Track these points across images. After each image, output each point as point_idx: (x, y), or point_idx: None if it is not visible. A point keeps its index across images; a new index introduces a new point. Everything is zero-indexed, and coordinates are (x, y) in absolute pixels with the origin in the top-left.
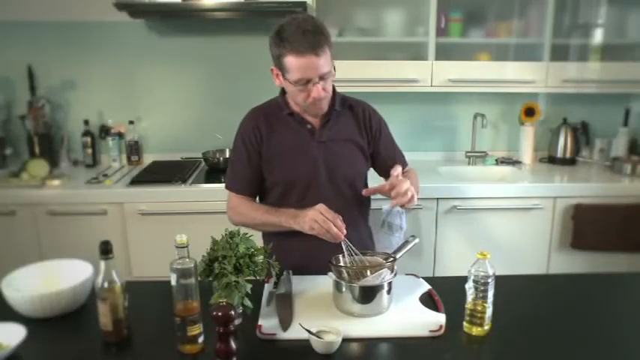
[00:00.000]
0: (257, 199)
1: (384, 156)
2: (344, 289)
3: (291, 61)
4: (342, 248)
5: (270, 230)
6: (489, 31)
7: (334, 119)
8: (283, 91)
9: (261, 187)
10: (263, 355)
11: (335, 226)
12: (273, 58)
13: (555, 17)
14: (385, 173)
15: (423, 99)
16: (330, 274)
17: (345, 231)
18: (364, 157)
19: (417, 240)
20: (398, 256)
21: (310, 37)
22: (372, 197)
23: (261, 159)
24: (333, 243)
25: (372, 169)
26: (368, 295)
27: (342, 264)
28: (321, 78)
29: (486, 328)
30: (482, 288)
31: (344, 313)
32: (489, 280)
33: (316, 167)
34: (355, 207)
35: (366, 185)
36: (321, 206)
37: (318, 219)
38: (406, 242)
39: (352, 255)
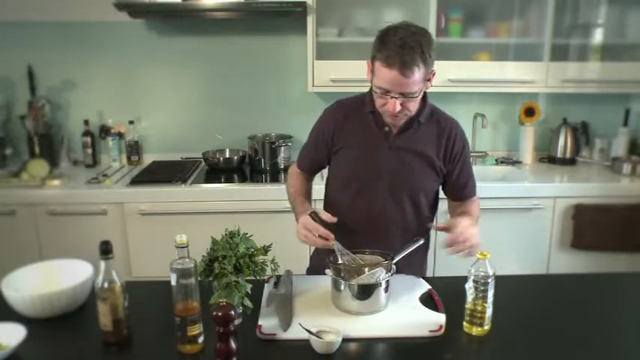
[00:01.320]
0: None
1: (455, 182)
2: (342, 287)
3: (379, 67)
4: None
5: None
6: (489, 31)
7: (415, 129)
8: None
9: (320, 169)
10: (263, 355)
11: (321, 235)
12: (371, 54)
13: (555, 17)
14: (451, 196)
15: None
16: (328, 271)
17: (332, 235)
18: (435, 175)
19: (421, 241)
20: (398, 256)
21: (407, 53)
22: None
23: (328, 152)
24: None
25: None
26: (365, 292)
27: (339, 262)
28: (403, 95)
29: (486, 328)
30: (482, 288)
31: (342, 311)
32: (489, 280)
33: (380, 171)
34: (413, 221)
35: (435, 201)
36: (303, 221)
37: (302, 233)
38: (410, 243)
39: (344, 255)
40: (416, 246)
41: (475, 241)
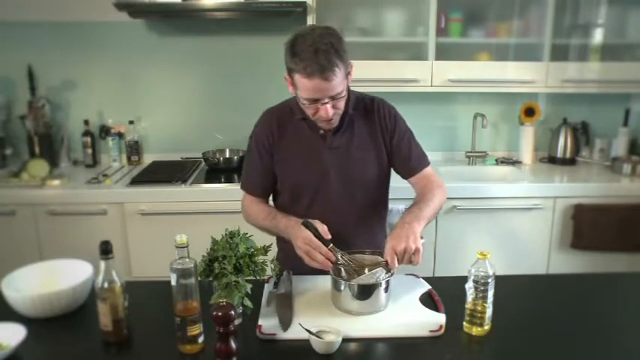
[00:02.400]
0: (270, 199)
1: (398, 156)
2: (342, 287)
3: (299, 79)
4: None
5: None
6: (489, 31)
7: (347, 123)
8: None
9: (273, 187)
10: (263, 355)
11: (322, 253)
12: (286, 67)
13: (555, 17)
14: (401, 173)
15: (423, 99)
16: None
17: (333, 258)
18: (380, 161)
19: (423, 241)
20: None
21: (322, 57)
22: (390, 197)
23: (273, 161)
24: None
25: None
26: (364, 292)
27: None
28: (332, 98)
29: (486, 328)
30: (482, 288)
31: (342, 311)
32: (489, 280)
33: (327, 173)
34: (370, 212)
35: (385, 188)
36: (305, 236)
37: (303, 248)
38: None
39: (342, 257)
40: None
41: (411, 248)
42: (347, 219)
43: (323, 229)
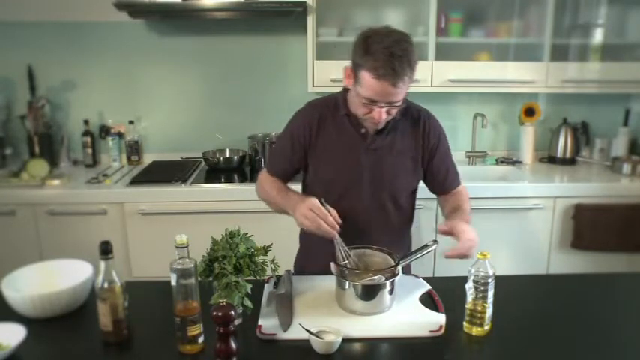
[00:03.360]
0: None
1: (435, 173)
2: (347, 287)
3: (366, 77)
4: (335, 245)
5: (278, 212)
6: (489, 31)
7: (391, 128)
8: (345, 90)
9: (294, 175)
10: (263, 355)
11: (327, 222)
12: (352, 60)
13: (555, 17)
14: (434, 189)
15: (423, 99)
16: (333, 269)
17: (338, 227)
18: (415, 172)
19: (436, 245)
20: (406, 260)
21: (397, 63)
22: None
23: (305, 155)
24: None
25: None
26: (370, 293)
27: (341, 262)
28: (390, 104)
29: (486, 328)
30: (482, 288)
31: (346, 311)
32: (489, 280)
33: (360, 173)
34: (396, 218)
35: (413, 198)
36: (310, 202)
37: (308, 216)
38: (425, 246)
39: (343, 251)
40: (427, 252)
41: (476, 244)
42: (372, 222)
43: (335, 214)
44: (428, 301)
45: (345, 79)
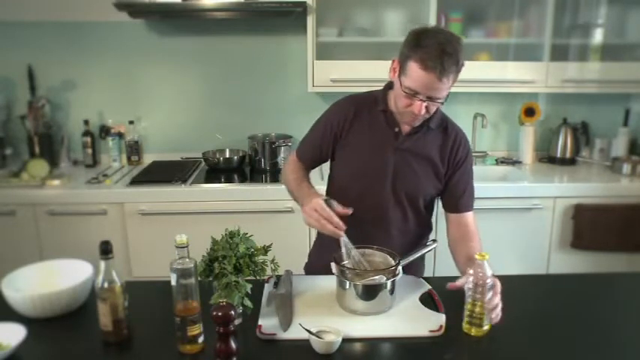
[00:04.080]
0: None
1: (453, 189)
2: (347, 287)
3: (414, 68)
4: (341, 244)
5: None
6: (489, 31)
7: (423, 133)
8: (386, 87)
9: (321, 163)
10: (263, 355)
11: (332, 223)
12: (400, 52)
13: (555, 17)
14: (447, 205)
15: None
16: (334, 269)
17: (344, 228)
18: (436, 181)
19: (435, 244)
20: (407, 259)
21: (446, 58)
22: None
23: (334, 145)
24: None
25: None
26: (371, 293)
27: (344, 262)
28: (430, 98)
29: (485, 328)
30: (480, 289)
31: (347, 311)
32: (488, 281)
33: (384, 171)
34: (413, 224)
35: (431, 207)
36: (315, 202)
37: (313, 216)
38: (425, 245)
39: (350, 251)
40: (427, 250)
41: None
42: (388, 222)
43: (341, 208)
44: (428, 301)
45: (390, 72)
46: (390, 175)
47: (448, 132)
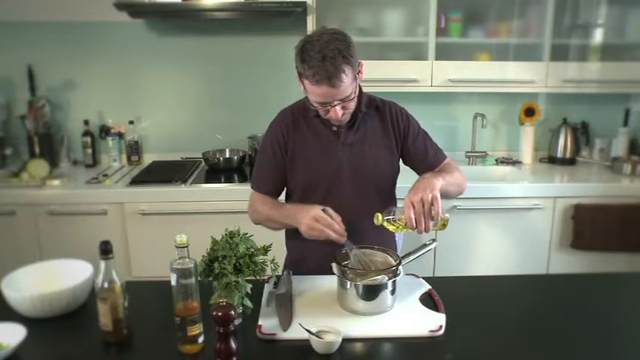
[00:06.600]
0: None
1: (415, 155)
2: (348, 287)
3: (307, 85)
4: (346, 248)
5: (280, 228)
6: (489, 31)
7: (360, 121)
8: None
9: (284, 187)
10: (263, 355)
11: (334, 230)
12: (296, 69)
13: (555, 17)
14: (418, 170)
15: (423, 99)
16: (335, 269)
17: (345, 233)
18: (392, 159)
19: (435, 244)
20: (407, 260)
21: (329, 65)
22: (398, 198)
23: (286, 158)
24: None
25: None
26: (372, 293)
27: (346, 262)
28: (341, 101)
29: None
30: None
31: (347, 311)
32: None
33: (340, 170)
34: (381, 209)
35: (394, 186)
36: (314, 213)
37: (315, 227)
38: (424, 245)
39: (352, 250)
40: (427, 250)
41: (427, 196)
42: (358, 216)
43: (338, 219)
44: (428, 301)
45: (300, 87)
46: (348, 172)
47: (381, 109)
